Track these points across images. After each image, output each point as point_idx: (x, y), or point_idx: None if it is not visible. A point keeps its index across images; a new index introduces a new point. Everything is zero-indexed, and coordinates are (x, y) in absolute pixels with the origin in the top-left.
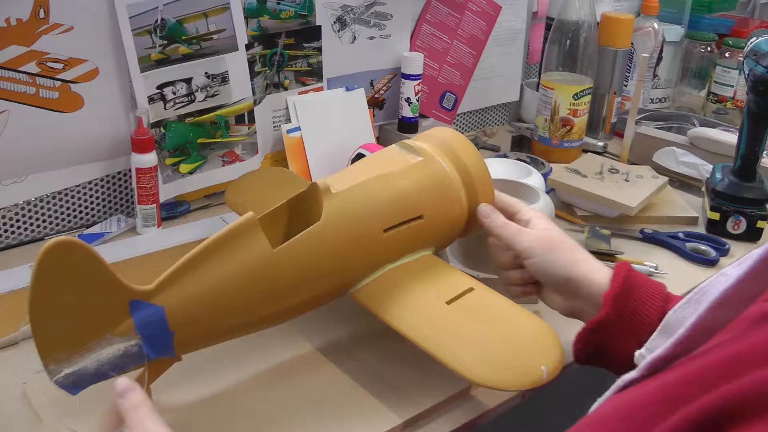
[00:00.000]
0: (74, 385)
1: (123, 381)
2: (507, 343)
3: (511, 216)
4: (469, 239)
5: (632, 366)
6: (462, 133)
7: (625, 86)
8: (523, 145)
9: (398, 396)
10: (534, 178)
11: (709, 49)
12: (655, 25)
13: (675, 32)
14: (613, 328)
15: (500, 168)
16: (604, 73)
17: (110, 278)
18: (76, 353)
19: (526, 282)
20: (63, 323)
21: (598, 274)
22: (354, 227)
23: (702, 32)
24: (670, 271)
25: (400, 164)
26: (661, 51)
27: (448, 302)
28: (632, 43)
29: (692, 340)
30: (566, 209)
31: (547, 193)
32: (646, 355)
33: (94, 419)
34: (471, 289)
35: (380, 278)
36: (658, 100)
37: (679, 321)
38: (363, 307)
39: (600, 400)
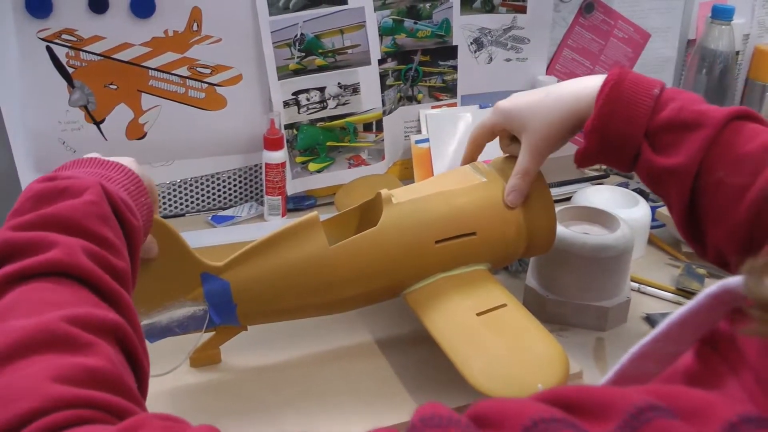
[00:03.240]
0: (148, 334)
1: None
2: (514, 358)
3: (492, 134)
4: (544, 262)
5: (631, 167)
6: None
7: None
8: None
9: (429, 394)
10: (640, 209)
11: None
12: None
13: None
14: (600, 153)
15: (608, 195)
16: (751, 107)
17: (187, 253)
18: (154, 309)
19: None
20: (146, 284)
21: (587, 107)
22: (407, 236)
23: None
24: None
25: (463, 183)
26: None
27: (479, 314)
28: None
29: (620, 385)
30: (674, 245)
31: (659, 227)
32: None
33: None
34: (504, 305)
35: (429, 285)
36: None
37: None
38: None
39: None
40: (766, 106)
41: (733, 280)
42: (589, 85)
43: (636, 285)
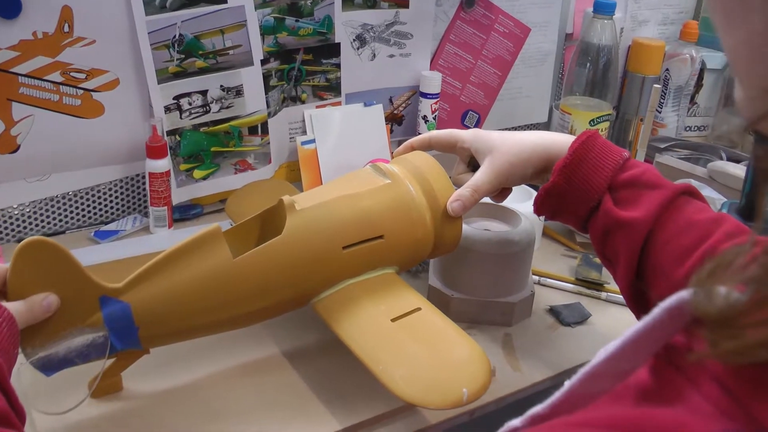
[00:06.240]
0: (44, 367)
1: None
2: (436, 363)
3: (453, 146)
4: (447, 260)
5: (585, 228)
6: None
7: (659, 112)
8: None
9: (345, 403)
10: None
11: None
12: (693, 53)
13: (717, 59)
14: (563, 195)
15: None
16: (631, 99)
17: (82, 275)
18: (50, 340)
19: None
20: None
21: (560, 150)
22: (313, 243)
23: None
24: None
25: (366, 185)
26: (701, 78)
27: (393, 320)
28: (668, 69)
29: (569, 405)
30: (568, 235)
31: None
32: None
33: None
34: (418, 309)
35: (338, 292)
36: (696, 128)
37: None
38: (320, 318)
39: None
40: (647, 97)
41: (689, 293)
42: (565, 138)
43: (536, 278)
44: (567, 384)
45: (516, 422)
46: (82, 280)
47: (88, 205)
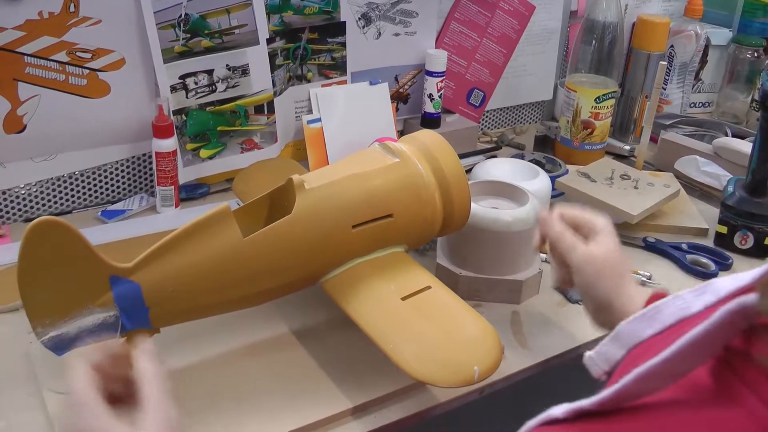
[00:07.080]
0: (56, 347)
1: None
2: (447, 341)
3: (580, 226)
4: (455, 239)
5: None
6: (490, 129)
7: (664, 89)
8: (546, 145)
9: (356, 382)
10: (540, 180)
11: (756, 54)
12: (698, 29)
13: (722, 35)
14: None
15: (507, 167)
16: (636, 76)
17: (92, 255)
18: (60, 319)
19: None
20: (49, 293)
21: (633, 305)
22: (323, 222)
23: (750, 36)
24: (664, 282)
25: (376, 164)
26: (705, 55)
27: (403, 298)
28: (672, 46)
29: (617, 401)
30: None
31: (558, 196)
32: (595, 357)
33: None
34: (428, 288)
35: (348, 271)
36: (701, 104)
37: (630, 332)
38: (329, 297)
39: (524, 428)
40: (652, 74)
41: (751, 297)
42: (639, 295)
43: (544, 256)
44: (620, 382)
45: (558, 412)
46: (92, 260)
47: (95, 185)
